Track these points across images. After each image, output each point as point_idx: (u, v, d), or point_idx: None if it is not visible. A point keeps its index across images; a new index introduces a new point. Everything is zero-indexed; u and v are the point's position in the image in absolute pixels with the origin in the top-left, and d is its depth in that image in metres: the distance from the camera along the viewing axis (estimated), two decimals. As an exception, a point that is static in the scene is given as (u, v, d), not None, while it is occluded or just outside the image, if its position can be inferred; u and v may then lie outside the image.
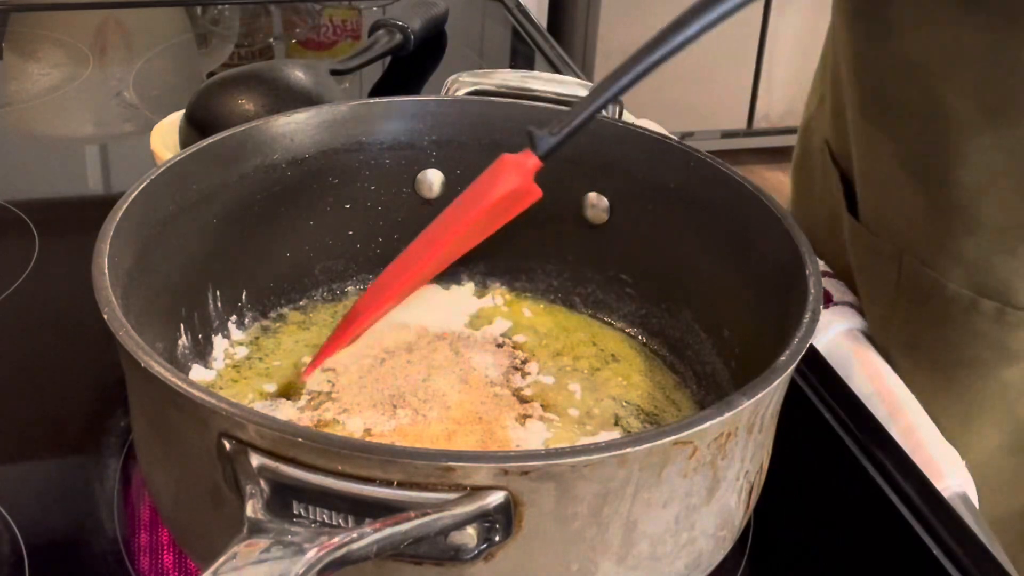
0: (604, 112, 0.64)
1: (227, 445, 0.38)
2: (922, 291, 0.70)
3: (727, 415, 0.39)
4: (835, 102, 0.78)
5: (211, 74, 0.99)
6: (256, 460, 0.37)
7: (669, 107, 2.56)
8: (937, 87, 0.66)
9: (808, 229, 0.79)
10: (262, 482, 0.37)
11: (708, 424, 0.39)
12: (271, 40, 1.12)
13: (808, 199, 0.85)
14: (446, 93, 0.67)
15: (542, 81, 0.64)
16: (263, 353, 0.58)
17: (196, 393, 0.38)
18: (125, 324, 0.42)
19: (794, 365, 0.42)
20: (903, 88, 0.68)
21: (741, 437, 0.42)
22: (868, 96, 0.72)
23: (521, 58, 1.10)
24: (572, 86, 0.65)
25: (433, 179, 0.62)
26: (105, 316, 0.42)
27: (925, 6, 0.65)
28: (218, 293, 0.57)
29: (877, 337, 0.74)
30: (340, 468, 0.36)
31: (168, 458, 0.44)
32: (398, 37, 0.94)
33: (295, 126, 0.58)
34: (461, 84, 0.66)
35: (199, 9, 1.16)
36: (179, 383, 0.39)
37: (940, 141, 0.67)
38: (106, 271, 0.44)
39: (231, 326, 0.58)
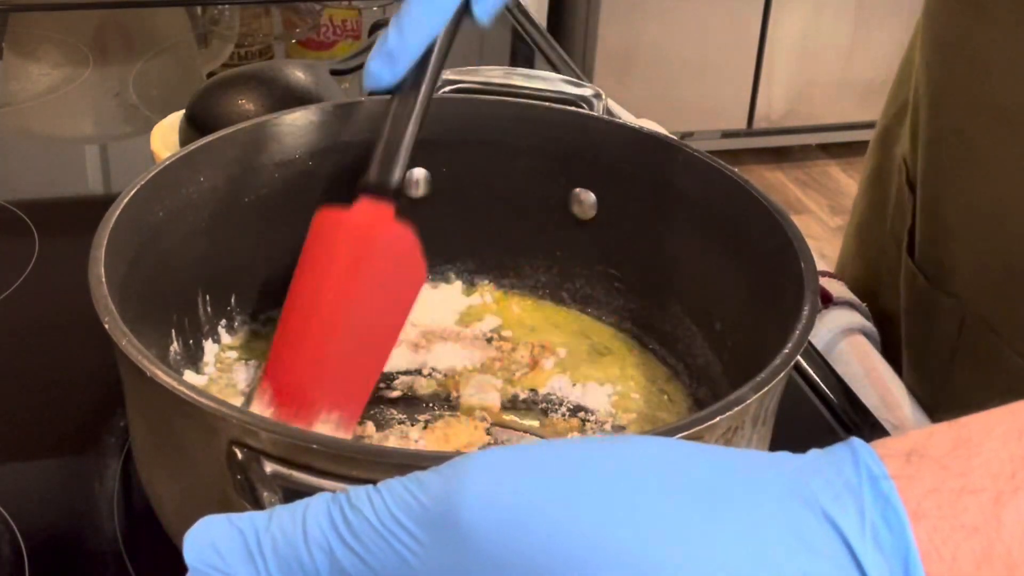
0: (597, 108, 0.63)
1: (238, 453, 0.38)
2: (986, 359, 0.62)
3: (736, 409, 0.39)
4: (914, 122, 0.69)
5: (211, 74, 0.99)
6: (269, 467, 0.37)
7: (669, 107, 2.56)
8: None
9: (873, 257, 0.75)
10: (277, 489, 0.37)
11: (719, 419, 0.39)
12: (271, 40, 1.12)
13: (880, 221, 0.74)
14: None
15: (525, 78, 0.64)
16: (255, 357, 0.58)
17: (205, 402, 0.38)
18: (127, 333, 0.41)
19: (796, 357, 0.42)
20: (986, 131, 0.60)
21: (747, 430, 0.42)
22: (946, 132, 0.64)
23: (521, 58, 1.10)
24: (555, 82, 0.64)
25: (419, 177, 0.62)
26: (106, 325, 0.42)
27: (1018, 45, 0.58)
28: (208, 297, 0.57)
29: (924, 398, 0.66)
30: (354, 474, 0.36)
31: (172, 467, 0.44)
32: (398, 37, 0.94)
33: (284, 127, 0.58)
34: (445, 82, 0.66)
35: (199, 9, 1.16)
36: (187, 392, 0.39)
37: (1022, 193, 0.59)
38: (103, 280, 0.44)
39: (221, 330, 0.58)
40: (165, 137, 0.71)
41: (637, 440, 0.29)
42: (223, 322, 0.58)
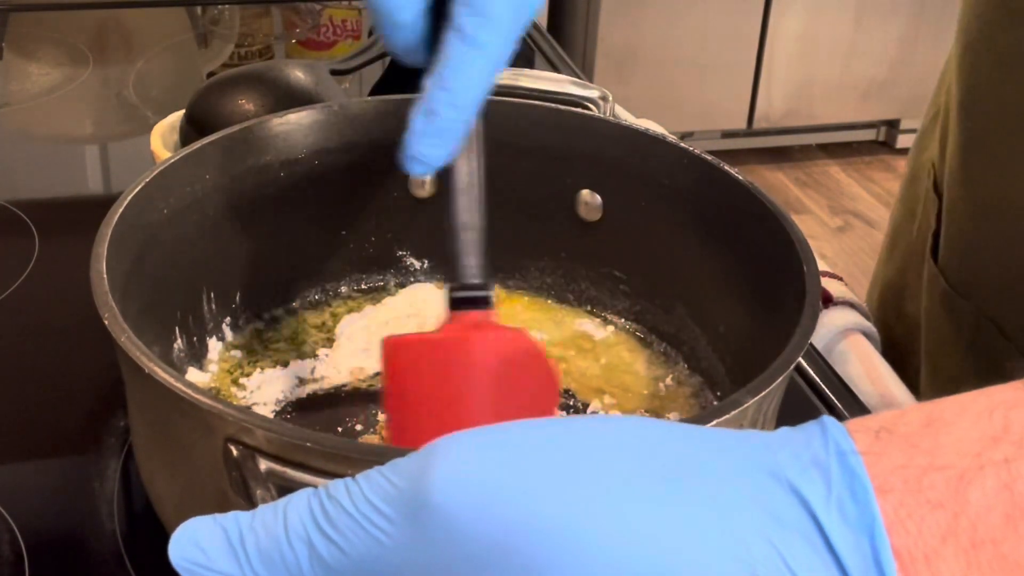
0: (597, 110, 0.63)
1: (234, 451, 0.38)
2: (999, 366, 0.61)
3: (733, 413, 0.39)
4: (944, 125, 0.68)
5: (211, 74, 0.99)
6: (264, 465, 0.37)
7: (669, 107, 2.56)
8: None
9: (901, 262, 0.75)
10: (271, 487, 0.37)
11: (715, 422, 0.39)
12: (271, 40, 1.12)
13: (908, 226, 0.74)
14: None
15: (531, 79, 0.64)
16: (257, 358, 0.58)
17: (202, 399, 0.38)
18: (127, 330, 0.41)
19: (796, 362, 0.42)
20: (1009, 134, 0.60)
21: (745, 433, 0.42)
22: (971, 135, 0.63)
23: (521, 58, 1.10)
24: (562, 84, 0.64)
25: (425, 178, 0.62)
26: (106, 322, 0.42)
27: None
28: (212, 295, 0.57)
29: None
30: (348, 472, 0.36)
31: (171, 464, 0.44)
32: (398, 37, 0.94)
33: (287, 127, 0.58)
34: None
35: (199, 9, 1.16)
36: (184, 389, 0.39)
37: None
38: (104, 276, 0.44)
39: (225, 328, 0.58)
40: (165, 137, 0.71)
41: (607, 419, 0.29)
42: (227, 320, 0.58)
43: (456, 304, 0.44)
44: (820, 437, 0.27)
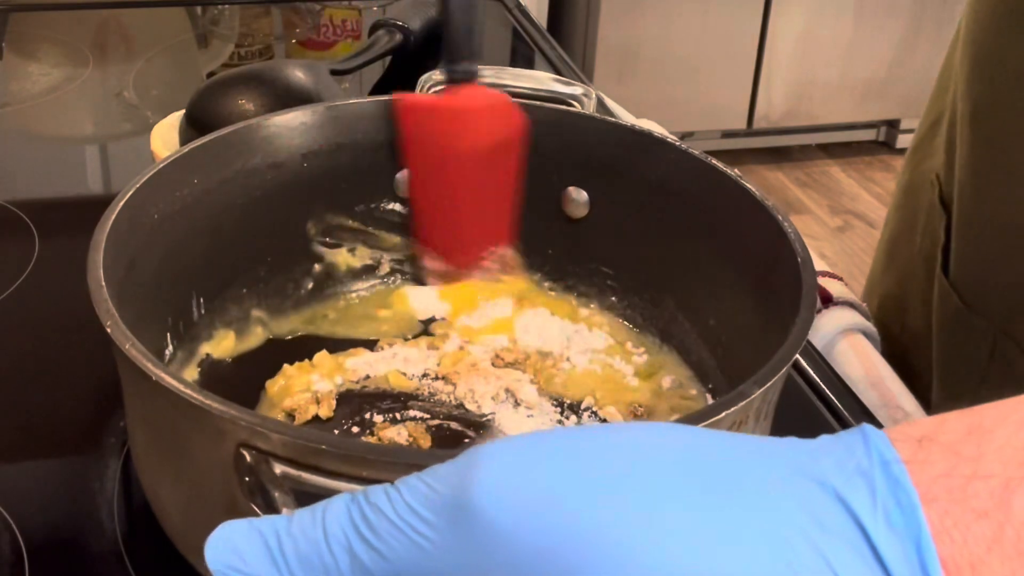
0: (580, 107, 0.64)
1: (247, 456, 0.38)
2: (1016, 384, 0.58)
3: (741, 404, 0.39)
4: (950, 136, 0.67)
5: (211, 74, 0.99)
6: (279, 469, 0.37)
7: (669, 107, 2.56)
8: None
9: (903, 274, 0.74)
10: (288, 491, 0.37)
11: (724, 414, 0.39)
12: (271, 40, 1.12)
13: (909, 236, 0.73)
14: (420, 91, 0.67)
15: (516, 77, 0.64)
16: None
17: (214, 405, 0.38)
18: (131, 337, 0.41)
19: (797, 354, 0.42)
20: None
21: (750, 424, 0.42)
22: (985, 148, 0.62)
23: (521, 58, 1.10)
24: (546, 81, 0.65)
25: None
26: (108, 330, 0.42)
27: None
28: (202, 300, 0.57)
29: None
30: (365, 474, 0.36)
31: (177, 471, 0.44)
32: (398, 37, 0.94)
33: (274, 129, 0.58)
34: (435, 82, 0.66)
35: (199, 9, 1.16)
36: (194, 395, 0.38)
37: None
38: (103, 284, 0.44)
39: (215, 333, 0.58)
40: (165, 137, 0.71)
41: (651, 426, 0.29)
42: (217, 325, 0.58)
43: (453, 79, 0.57)
44: (862, 445, 0.28)
